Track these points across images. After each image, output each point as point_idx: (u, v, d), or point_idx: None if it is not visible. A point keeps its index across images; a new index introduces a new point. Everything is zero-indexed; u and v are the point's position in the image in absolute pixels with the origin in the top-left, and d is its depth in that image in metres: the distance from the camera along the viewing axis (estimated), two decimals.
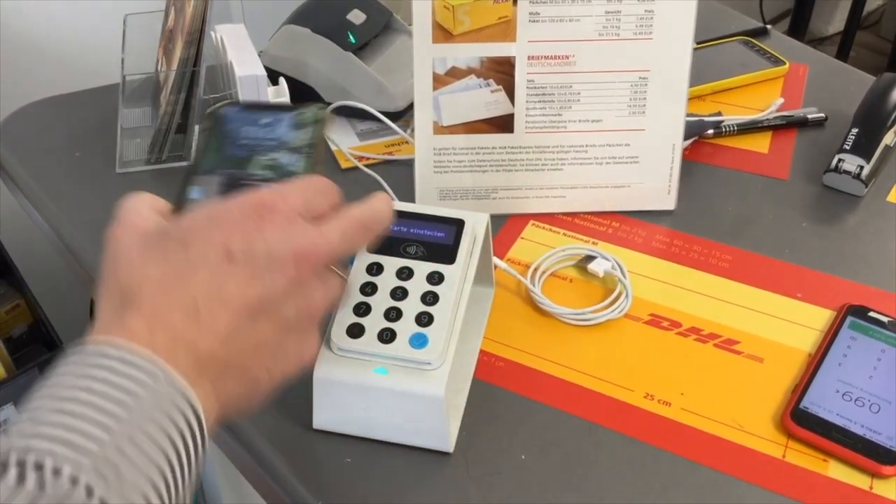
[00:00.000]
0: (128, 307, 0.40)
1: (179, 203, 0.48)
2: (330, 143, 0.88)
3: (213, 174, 0.50)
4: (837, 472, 0.58)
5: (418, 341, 0.56)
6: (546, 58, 0.74)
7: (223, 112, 0.53)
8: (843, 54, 2.33)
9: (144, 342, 0.39)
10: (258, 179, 0.49)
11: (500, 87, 0.75)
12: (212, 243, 0.41)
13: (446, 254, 0.59)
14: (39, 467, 0.34)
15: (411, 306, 0.57)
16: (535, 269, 0.72)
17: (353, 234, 0.46)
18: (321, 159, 0.52)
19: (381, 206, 0.49)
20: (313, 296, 0.44)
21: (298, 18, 0.92)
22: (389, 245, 0.60)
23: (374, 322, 0.57)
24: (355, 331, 0.56)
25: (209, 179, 0.49)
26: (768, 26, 1.08)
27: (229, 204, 0.43)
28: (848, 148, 0.82)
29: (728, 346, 0.67)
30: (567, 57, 0.74)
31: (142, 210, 0.45)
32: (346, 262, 0.50)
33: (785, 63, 0.99)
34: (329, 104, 0.52)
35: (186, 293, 0.40)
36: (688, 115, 0.77)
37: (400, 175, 0.82)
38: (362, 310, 0.57)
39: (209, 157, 0.51)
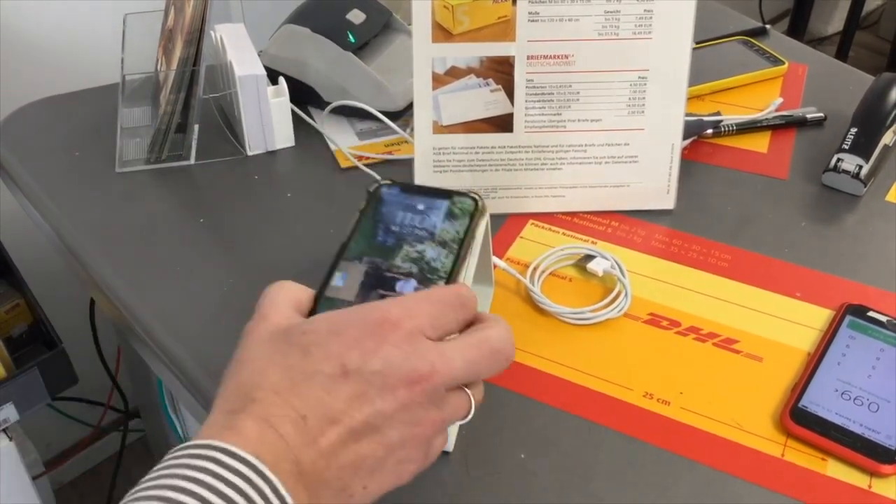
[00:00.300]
0: (242, 409, 0.40)
1: (322, 288, 0.49)
2: (329, 143, 0.88)
3: (359, 261, 0.49)
4: (836, 470, 0.58)
5: None
6: (545, 57, 0.74)
7: (381, 193, 0.53)
8: (842, 54, 2.33)
9: (252, 447, 0.39)
10: (401, 273, 0.49)
11: (500, 86, 0.75)
12: (330, 356, 0.41)
13: None
14: None
15: None
16: (535, 269, 0.72)
17: (480, 360, 0.45)
18: (470, 255, 0.51)
19: (509, 335, 0.47)
20: (422, 421, 0.43)
21: (298, 18, 0.92)
22: None
23: None
24: None
25: (354, 266, 0.49)
26: (767, 26, 1.08)
27: (354, 315, 0.43)
28: (847, 147, 0.82)
29: (727, 345, 0.67)
30: (566, 56, 0.74)
31: (280, 304, 0.46)
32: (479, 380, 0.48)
33: (784, 63, 0.99)
34: (478, 197, 0.53)
35: (298, 404, 0.40)
36: (687, 114, 0.77)
37: (399, 174, 0.82)
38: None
39: (359, 241, 0.51)
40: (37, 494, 1.04)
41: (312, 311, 0.47)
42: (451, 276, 0.49)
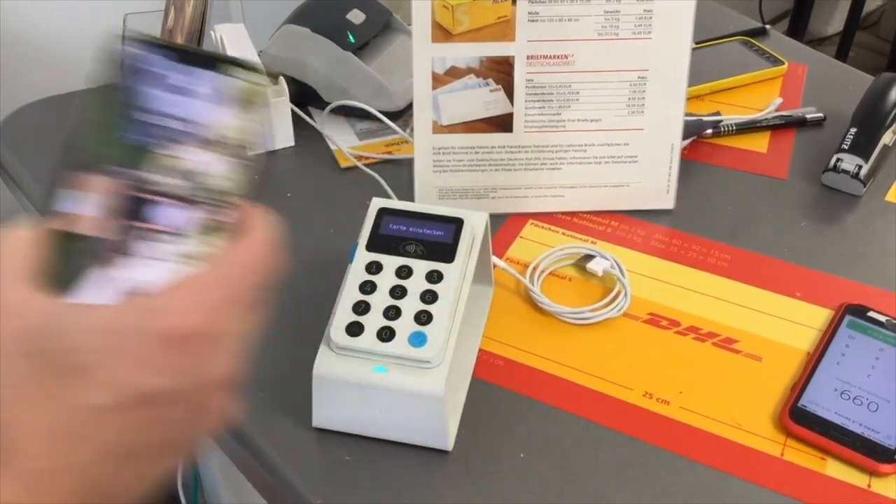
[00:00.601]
0: (2, 466, 0.31)
1: (47, 211, 0.34)
2: (329, 143, 0.88)
3: (98, 169, 0.34)
4: (835, 470, 0.58)
5: (417, 340, 0.56)
6: (545, 57, 0.74)
7: (126, 54, 0.35)
8: (842, 55, 2.33)
9: None
10: (167, 193, 0.34)
11: (500, 86, 0.75)
12: (103, 383, 0.31)
13: (445, 252, 0.60)
14: None
15: (410, 305, 0.57)
16: (534, 268, 0.72)
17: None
18: (254, 160, 0.36)
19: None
20: (201, 416, 0.35)
21: (298, 18, 0.92)
22: (389, 243, 0.60)
23: (374, 320, 0.57)
24: (354, 329, 0.57)
25: (91, 180, 0.34)
26: (767, 26, 1.08)
27: (130, 319, 0.32)
28: (846, 147, 0.82)
29: (727, 344, 0.67)
30: (566, 56, 0.74)
31: (16, 278, 0.33)
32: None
33: (784, 63, 0.99)
34: (265, 74, 0.36)
35: (71, 452, 0.31)
36: (686, 114, 0.77)
37: (399, 174, 0.82)
38: (361, 308, 0.58)
39: (93, 135, 0.35)
40: None
41: (56, 273, 0.33)
42: (242, 195, 0.36)
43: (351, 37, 0.89)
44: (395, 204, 0.63)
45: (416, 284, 0.58)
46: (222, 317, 0.34)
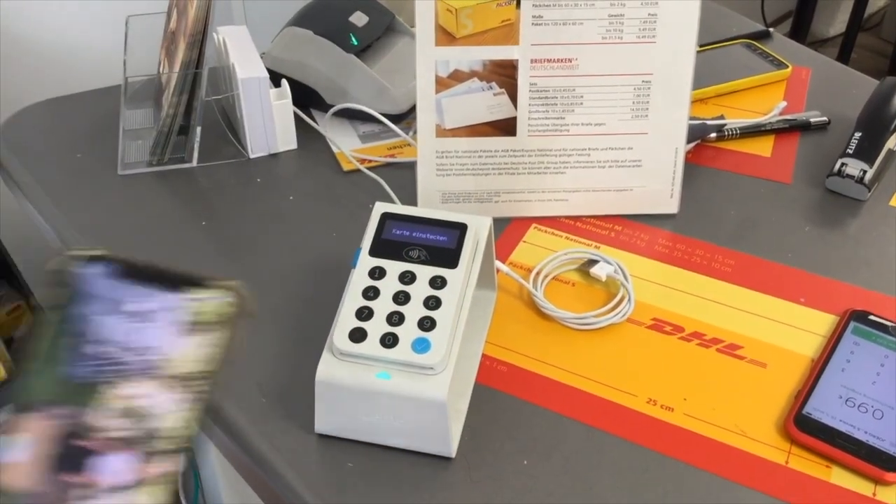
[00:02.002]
0: None
1: None
2: (332, 146, 0.88)
3: (38, 409, 0.30)
4: (840, 478, 0.58)
5: (421, 346, 0.56)
6: (549, 61, 0.74)
7: (78, 277, 0.31)
8: (844, 56, 2.32)
9: None
10: (109, 439, 0.30)
11: (503, 90, 0.75)
12: None
13: (449, 258, 0.59)
14: None
15: (414, 310, 0.57)
16: (538, 273, 0.72)
17: None
18: (209, 392, 0.31)
19: None
20: None
21: (300, 20, 0.91)
22: (392, 249, 0.60)
23: (377, 326, 0.57)
24: (357, 335, 0.56)
25: (29, 422, 0.30)
26: (771, 29, 1.08)
27: None
28: (851, 152, 0.82)
29: (731, 351, 0.66)
30: (570, 60, 0.74)
31: None
32: None
33: (787, 66, 0.99)
34: (234, 289, 0.34)
35: None
36: (690, 118, 0.77)
37: (402, 178, 0.82)
38: (364, 314, 0.57)
39: (37, 369, 0.31)
40: None
41: None
42: (185, 445, 0.30)
43: (353, 39, 0.89)
44: (399, 209, 0.63)
45: (420, 290, 0.58)
46: None
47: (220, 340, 0.31)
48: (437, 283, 0.58)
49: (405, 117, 0.89)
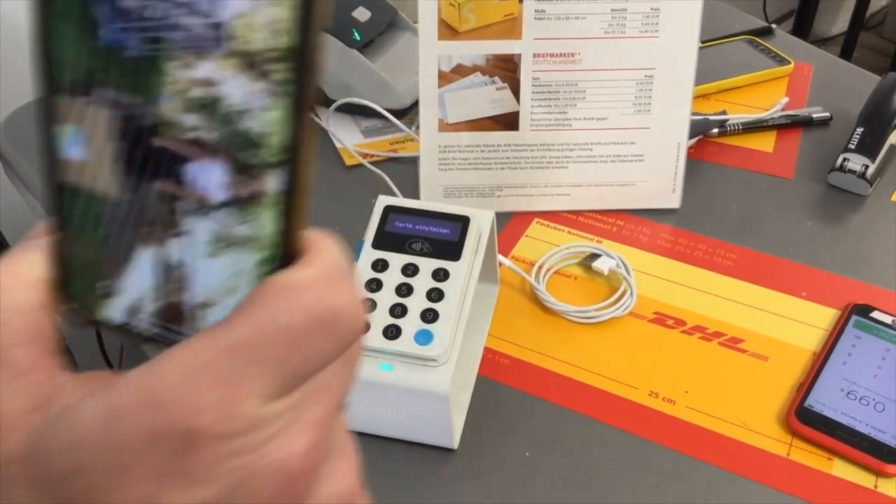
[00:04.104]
0: None
1: (50, 157, 0.23)
2: (335, 141, 0.88)
3: (90, 93, 0.23)
4: (842, 470, 0.58)
5: (423, 338, 0.56)
6: (552, 55, 0.74)
7: None
8: (846, 55, 2.32)
9: None
10: (185, 142, 0.22)
11: (506, 84, 0.75)
12: None
13: (452, 251, 0.59)
14: None
15: (416, 303, 0.57)
16: (540, 267, 0.72)
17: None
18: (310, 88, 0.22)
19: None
20: None
21: None
22: (395, 241, 0.60)
23: (380, 318, 0.57)
24: None
25: (85, 110, 0.23)
26: (773, 25, 1.08)
27: (141, 419, 0.22)
28: (853, 147, 0.82)
29: (733, 344, 0.67)
30: (573, 55, 0.74)
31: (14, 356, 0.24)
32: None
33: (790, 62, 0.99)
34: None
35: None
36: (693, 113, 0.77)
37: (404, 173, 0.82)
38: (367, 306, 0.57)
39: (67, 36, 0.23)
40: None
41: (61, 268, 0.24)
42: (294, 151, 0.22)
43: (356, 34, 0.89)
44: (402, 202, 0.63)
45: (423, 282, 0.58)
46: (258, 398, 0.22)
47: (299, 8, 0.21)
48: (440, 275, 0.58)
49: (408, 112, 0.89)
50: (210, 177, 0.22)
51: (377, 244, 0.60)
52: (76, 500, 0.23)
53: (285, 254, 0.23)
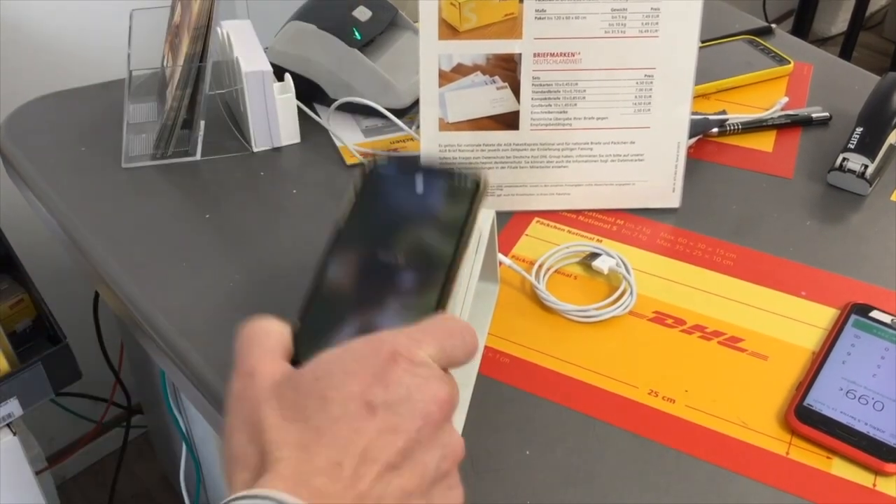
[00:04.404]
0: (267, 472, 0.37)
1: (319, 278, 0.45)
2: (335, 140, 0.88)
3: (353, 248, 0.46)
4: (841, 469, 0.58)
5: None
6: (552, 55, 0.74)
7: (379, 170, 0.48)
8: (846, 55, 2.32)
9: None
10: (398, 263, 0.45)
11: (506, 84, 0.75)
12: (350, 396, 0.39)
13: None
14: None
15: None
16: (540, 266, 0.73)
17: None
18: (470, 240, 0.47)
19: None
20: (450, 441, 0.41)
21: (303, 14, 0.92)
22: None
23: None
24: None
25: (347, 255, 0.46)
26: (773, 25, 1.08)
27: (362, 351, 0.41)
28: (852, 147, 0.82)
29: (732, 343, 0.67)
30: (573, 54, 0.74)
31: (266, 354, 0.42)
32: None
33: (789, 62, 0.99)
34: (480, 179, 0.47)
35: (329, 453, 0.38)
36: (693, 113, 0.77)
37: None
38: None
39: (353, 224, 0.47)
40: (39, 489, 1.04)
41: (302, 333, 0.44)
42: (452, 265, 0.45)
43: (357, 33, 0.89)
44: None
45: None
46: (431, 352, 0.42)
47: (471, 205, 0.47)
48: None
49: (408, 111, 0.89)
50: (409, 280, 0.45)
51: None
52: (315, 396, 0.39)
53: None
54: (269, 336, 0.43)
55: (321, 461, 0.37)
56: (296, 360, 0.42)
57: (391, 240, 0.45)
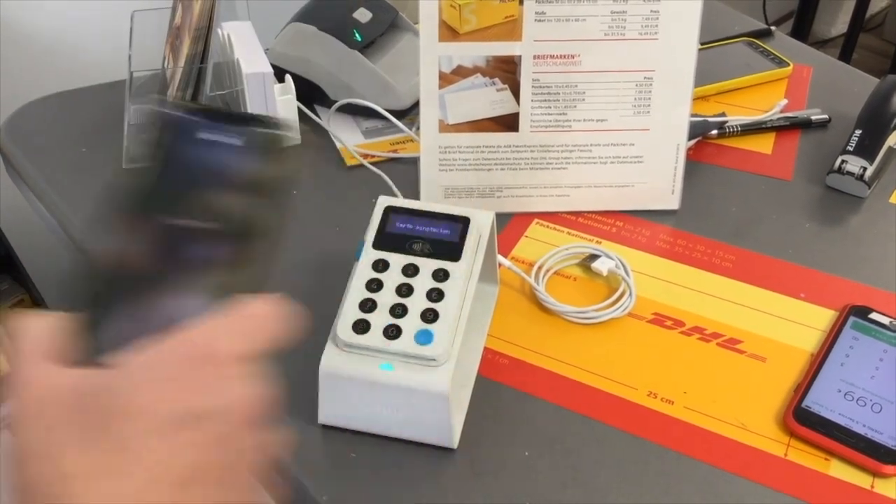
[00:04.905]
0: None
1: (93, 249, 0.39)
2: (335, 141, 0.88)
3: (149, 217, 0.38)
4: (839, 471, 0.58)
5: (423, 338, 0.56)
6: (551, 57, 0.74)
7: (170, 117, 0.39)
8: (845, 57, 2.32)
9: None
10: (203, 231, 0.38)
11: (506, 85, 0.75)
12: (143, 414, 0.34)
13: (452, 251, 0.60)
14: None
15: (417, 303, 0.58)
16: (540, 268, 0.73)
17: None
18: (284, 204, 0.40)
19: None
20: (263, 443, 0.39)
21: (304, 16, 0.92)
22: (395, 242, 0.60)
23: (380, 318, 0.57)
24: (361, 327, 0.57)
25: (135, 223, 0.38)
26: (772, 27, 1.08)
27: (156, 354, 0.35)
28: (851, 149, 0.83)
29: (731, 345, 0.67)
30: (572, 56, 0.74)
31: (41, 361, 0.35)
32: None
33: (789, 64, 0.99)
34: (278, 125, 0.39)
35: (125, 483, 0.33)
36: (692, 115, 0.77)
37: (405, 173, 0.82)
38: (368, 306, 0.58)
39: (149, 186, 0.38)
40: None
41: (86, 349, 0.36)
42: (267, 232, 0.40)
43: (357, 35, 0.89)
44: (402, 202, 0.63)
45: (423, 283, 0.59)
46: (243, 349, 0.38)
47: (275, 160, 0.39)
48: (440, 275, 0.59)
49: (408, 113, 0.89)
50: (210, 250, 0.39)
51: (378, 244, 0.61)
52: (103, 413, 0.34)
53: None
54: (45, 335, 0.37)
55: (115, 494, 0.33)
56: (87, 358, 0.36)
57: (196, 205, 0.38)
